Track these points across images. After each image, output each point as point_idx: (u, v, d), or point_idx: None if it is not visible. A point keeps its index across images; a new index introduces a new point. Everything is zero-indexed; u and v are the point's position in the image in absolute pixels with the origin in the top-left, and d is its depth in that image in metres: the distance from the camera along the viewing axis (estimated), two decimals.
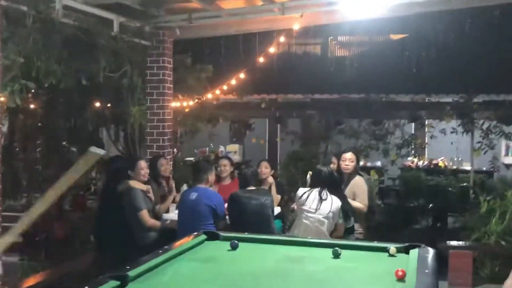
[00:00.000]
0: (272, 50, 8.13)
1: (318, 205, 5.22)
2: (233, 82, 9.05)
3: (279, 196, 6.60)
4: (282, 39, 7.23)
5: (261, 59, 8.24)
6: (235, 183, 6.70)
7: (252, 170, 5.80)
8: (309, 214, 5.23)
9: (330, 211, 5.21)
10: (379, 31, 11.79)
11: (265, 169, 6.62)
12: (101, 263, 5.94)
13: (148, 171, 5.96)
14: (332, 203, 5.24)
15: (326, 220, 5.19)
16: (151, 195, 5.95)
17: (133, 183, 5.73)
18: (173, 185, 6.40)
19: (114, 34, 5.99)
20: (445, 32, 8.24)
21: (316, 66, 11.79)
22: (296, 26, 6.80)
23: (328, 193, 5.26)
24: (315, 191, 5.28)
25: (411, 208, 10.11)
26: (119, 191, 5.78)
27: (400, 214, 9.88)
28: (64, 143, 9.01)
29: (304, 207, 5.27)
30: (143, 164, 5.86)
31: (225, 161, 6.88)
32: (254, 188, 5.62)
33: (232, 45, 7.83)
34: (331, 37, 13.81)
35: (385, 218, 9.59)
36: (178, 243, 4.01)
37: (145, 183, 5.99)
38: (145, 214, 5.64)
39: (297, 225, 5.28)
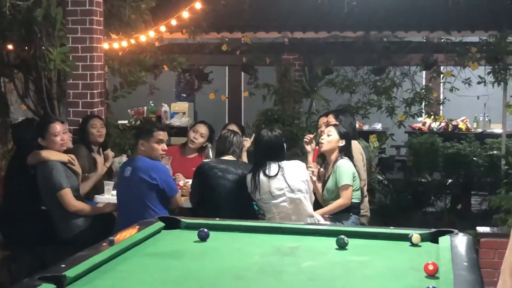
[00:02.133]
0: None
1: (278, 185, 5.26)
2: (186, 15, 8.96)
3: None
4: None
5: None
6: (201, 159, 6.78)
7: (237, 137, 5.83)
8: (274, 201, 5.28)
9: (298, 182, 5.28)
10: None
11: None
12: (13, 264, 5.93)
13: (67, 136, 5.96)
14: (294, 172, 5.31)
15: (301, 195, 5.26)
16: (76, 167, 5.94)
17: (47, 154, 5.71)
18: (110, 155, 6.39)
19: None
20: None
21: None
22: None
23: (279, 165, 5.31)
24: (261, 172, 5.33)
25: (423, 184, 10.31)
26: (29, 164, 5.75)
27: (408, 193, 10.07)
28: None
29: (265, 196, 5.32)
30: (58, 127, 5.83)
31: (203, 128, 6.98)
32: (232, 158, 5.66)
33: None
34: None
35: (389, 199, 9.78)
36: (125, 233, 4.04)
37: (71, 151, 5.98)
38: (67, 194, 5.65)
39: (271, 219, 5.35)
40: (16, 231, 5.96)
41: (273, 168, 5.30)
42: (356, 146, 6.29)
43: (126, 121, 9.90)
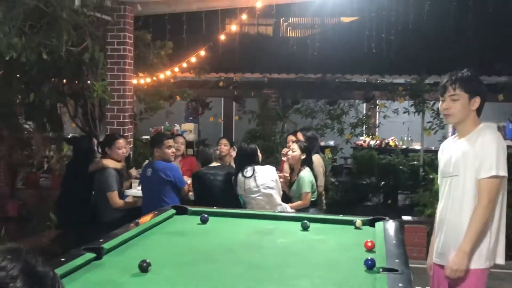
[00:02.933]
0: (233, 28, 8.11)
1: (253, 183, 5.23)
2: (193, 60, 8.98)
3: None
4: (244, 17, 7.21)
5: (222, 37, 8.20)
6: (187, 161, 6.77)
7: (212, 148, 5.84)
8: (252, 195, 5.25)
9: (268, 181, 5.22)
10: (330, 14, 11.93)
11: (224, 147, 6.66)
12: (63, 240, 5.87)
13: (126, 149, 5.90)
14: (265, 174, 5.27)
15: (272, 190, 5.21)
16: (124, 172, 5.92)
17: (107, 162, 5.66)
18: (130, 173, 6.33)
19: (75, 7, 5.83)
20: (397, 15, 8.39)
21: (273, 46, 11.83)
22: (258, 4, 6.80)
23: (253, 168, 5.26)
24: (239, 174, 5.31)
25: (363, 185, 10.36)
26: (90, 170, 5.70)
27: (353, 192, 10.11)
28: (19, 118, 8.75)
29: (245, 192, 5.29)
30: (122, 142, 5.79)
31: (181, 139, 6.94)
32: (218, 164, 5.65)
33: (194, 22, 7.73)
34: (283, 18, 13.90)
35: (339, 196, 9.80)
36: (147, 217, 4.01)
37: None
38: (115, 196, 5.59)
39: (251, 208, 5.32)
40: (68, 216, 5.91)
41: (249, 170, 5.27)
42: (318, 159, 6.14)
43: (148, 137, 9.87)
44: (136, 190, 6.07)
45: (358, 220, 3.89)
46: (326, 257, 3.16)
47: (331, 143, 12.55)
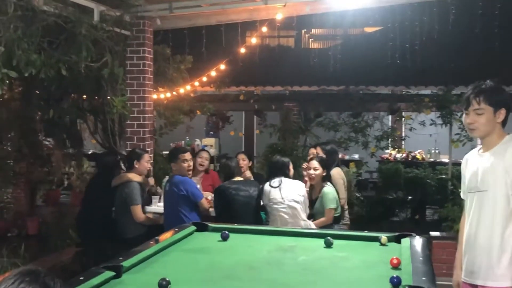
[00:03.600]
0: (253, 40, 8.18)
1: (278, 194, 5.26)
2: (213, 73, 9.06)
3: None
4: (264, 29, 7.26)
5: (242, 50, 8.27)
6: (209, 177, 6.79)
7: (236, 161, 5.84)
8: (276, 206, 5.27)
9: (295, 195, 5.25)
10: (352, 24, 11.93)
11: (242, 161, 6.67)
12: (84, 258, 5.93)
13: (150, 166, 5.98)
14: (293, 187, 5.30)
15: (297, 205, 5.22)
16: (149, 186, 5.99)
17: (132, 176, 5.74)
18: (149, 181, 6.38)
19: (94, 23, 5.94)
20: (421, 24, 8.37)
21: (295, 58, 11.86)
22: (279, 16, 6.85)
23: (281, 180, 5.31)
24: (267, 184, 5.38)
25: (389, 200, 10.25)
26: (114, 184, 5.77)
27: (378, 207, 10.01)
28: (39, 135, 8.90)
29: (270, 202, 5.32)
30: (147, 157, 5.91)
31: (205, 154, 6.92)
32: (241, 179, 5.66)
33: (213, 35, 7.81)
34: (304, 30, 13.94)
35: (364, 211, 9.71)
36: (167, 234, 4.05)
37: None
38: (139, 209, 5.65)
39: (273, 220, 5.35)
40: (89, 232, 5.98)
41: (276, 181, 5.32)
42: (339, 172, 6.11)
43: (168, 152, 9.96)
44: (156, 207, 6.12)
45: (383, 237, 3.86)
46: (350, 275, 3.15)
47: (356, 156, 12.49)
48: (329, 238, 3.83)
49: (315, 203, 5.66)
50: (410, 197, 10.16)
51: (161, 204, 6.00)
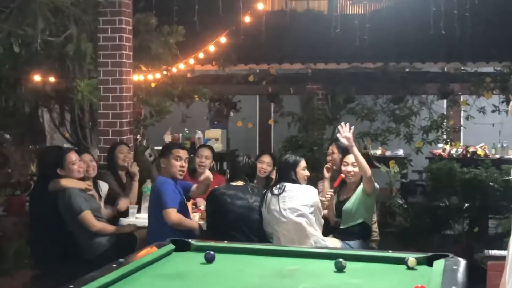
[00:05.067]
0: (261, 5, 8.12)
1: (277, 205, 5.27)
2: (212, 48, 9.02)
3: None
4: None
5: (247, 18, 8.21)
6: (215, 180, 6.73)
7: (246, 161, 5.76)
8: (276, 220, 5.29)
9: (299, 206, 5.25)
10: None
11: (267, 166, 6.58)
12: (41, 281, 5.95)
13: (83, 164, 6.00)
14: (298, 195, 5.29)
15: (301, 219, 5.22)
16: (93, 192, 6.00)
17: (66, 182, 5.77)
18: (136, 170, 6.37)
19: None
20: None
21: (319, 27, 11.74)
22: None
23: (283, 186, 5.32)
24: (269, 191, 5.38)
25: (441, 208, 10.12)
26: (50, 189, 5.82)
27: (427, 217, 9.89)
28: None
29: (269, 214, 5.33)
30: (73, 157, 5.90)
31: (206, 151, 6.88)
32: (242, 183, 5.61)
33: None
34: None
35: (409, 222, 9.62)
36: (137, 254, 4.06)
37: (100, 176, 6.02)
38: (87, 216, 5.68)
39: (276, 237, 5.35)
40: (43, 251, 6.00)
41: (278, 188, 5.34)
42: None
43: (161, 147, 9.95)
44: (133, 219, 6.13)
45: (411, 258, 3.83)
46: None
47: (400, 152, 12.38)
48: (341, 260, 3.79)
49: (346, 203, 5.68)
50: (467, 205, 10.02)
51: (140, 215, 6.01)
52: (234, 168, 5.80)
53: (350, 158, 5.71)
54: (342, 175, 5.88)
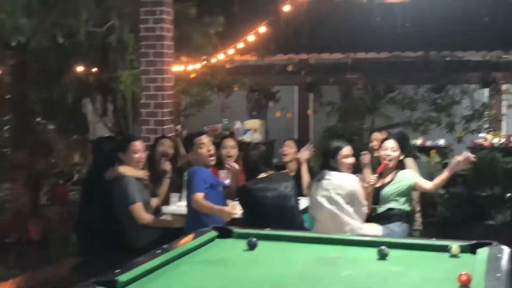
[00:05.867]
0: None
1: (315, 193, 5.36)
2: (251, 38, 9.03)
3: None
4: None
5: (287, 8, 8.19)
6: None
7: (260, 151, 5.70)
8: (313, 208, 5.39)
9: (334, 193, 5.28)
10: None
11: (288, 149, 6.63)
12: (85, 269, 6.04)
13: (144, 155, 5.99)
14: (336, 182, 5.33)
15: (333, 207, 5.27)
16: (149, 183, 6.03)
17: (124, 169, 5.79)
18: (168, 167, 6.39)
19: None
20: None
21: (359, 16, 11.68)
22: None
23: (322, 174, 5.39)
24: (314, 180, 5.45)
25: (483, 198, 10.04)
26: (106, 179, 5.85)
27: (469, 207, 9.83)
28: (38, 119, 9.11)
29: (309, 203, 5.46)
30: (138, 145, 5.90)
31: (231, 141, 6.93)
32: (266, 175, 5.56)
33: None
34: None
35: (450, 212, 9.56)
36: (180, 242, 4.08)
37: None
38: (138, 208, 5.70)
39: (315, 226, 5.39)
40: (89, 240, 6.09)
41: (318, 175, 5.41)
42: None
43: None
44: (175, 207, 6.18)
45: (455, 246, 3.78)
46: None
47: (441, 142, 12.26)
48: (383, 247, 3.77)
49: (384, 189, 5.71)
50: (509, 194, 9.92)
51: (181, 203, 6.05)
52: (248, 163, 5.67)
53: (388, 143, 5.76)
54: (386, 162, 5.87)
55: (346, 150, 5.54)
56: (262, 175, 5.54)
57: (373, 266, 3.64)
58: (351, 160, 5.58)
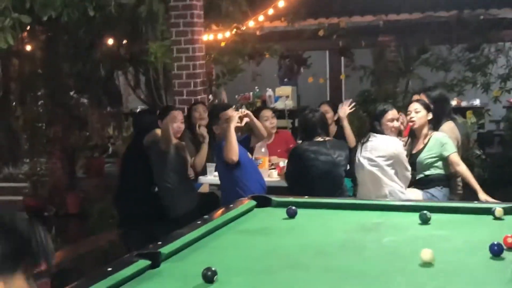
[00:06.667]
0: None
1: (355, 156, 5.46)
2: (281, 4, 8.94)
3: None
4: None
5: None
6: (279, 138, 6.77)
7: (320, 114, 5.69)
8: (356, 168, 5.47)
9: (374, 155, 5.32)
10: None
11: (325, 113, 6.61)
12: (126, 241, 6.13)
13: (183, 126, 6.02)
14: (376, 144, 5.34)
15: (374, 168, 5.30)
16: (185, 154, 6.06)
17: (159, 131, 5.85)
18: (204, 132, 6.32)
19: None
20: None
21: None
22: None
23: (368, 137, 5.43)
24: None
25: None
26: (146, 144, 5.91)
27: (507, 167, 9.72)
28: (71, 93, 9.18)
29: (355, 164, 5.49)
30: (177, 114, 5.93)
31: (269, 112, 6.89)
32: (322, 139, 5.56)
33: None
34: None
35: (488, 173, 9.46)
36: (220, 211, 4.09)
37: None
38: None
39: (358, 191, 5.43)
40: (130, 210, 6.16)
41: (365, 138, 5.45)
42: (451, 128, 5.97)
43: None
44: (212, 177, 6.20)
45: (498, 208, 3.76)
46: (449, 260, 3.08)
47: (476, 102, 12.11)
48: (425, 212, 3.75)
49: (418, 156, 5.63)
50: None
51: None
52: (306, 125, 5.68)
53: (412, 106, 5.69)
54: (410, 124, 5.81)
55: (392, 113, 5.51)
56: (318, 138, 5.54)
57: (416, 231, 3.63)
58: (396, 123, 5.54)
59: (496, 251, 3.02)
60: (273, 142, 6.80)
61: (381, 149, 5.32)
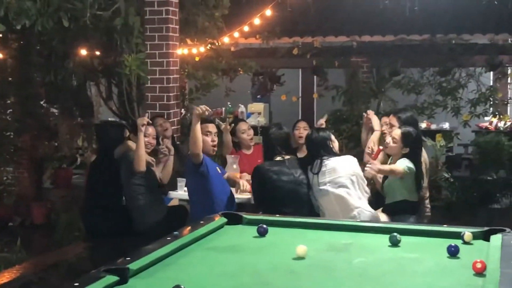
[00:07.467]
0: None
1: (317, 180, 5.30)
2: (256, 21, 8.97)
3: None
4: None
5: None
6: (260, 152, 6.76)
7: (281, 133, 5.67)
8: (319, 196, 5.31)
9: (337, 177, 5.23)
10: None
11: (304, 131, 6.59)
12: (93, 254, 6.06)
13: (154, 141, 5.98)
14: (337, 166, 5.27)
15: (341, 190, 5.22)
16: (155, 168, 6.02)
17: (133, 145, 5.81)
18: (169, 144, 6.32)
19: None
20: None
21: None
22: None
23: (320, 163, 5.31)
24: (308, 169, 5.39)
25: (488, 182, 10.02)
26: (117, 156, 5.88)
27: (474, 190, 9.82)
28: (42, 102, 9.08)
29: (312, 192, 5.38)
30: (149, 130, 5.90)
31: (245, 125, 6.91)
32: (284, 158, 5.55)
33: None
34: None
35: (455, 196, 9.55)
36: (190, 228, 4.06)
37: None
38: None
39: (321, 213, 5.35)
40: (97, 223, 6.09)
41: (317, 165, 5.32)
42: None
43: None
44: (182, 192, 6.16)
45: (467, 233, 3.77)
46: (419, 283, 3.10)
47: (446, 126, 12.23)
48: (395, 234, 3.76)
49: (385, 182, 5.59)
50: None
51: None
52: (268, 143, 5.68)
53: (395, 132, 5.57)
54: (380, 147, 5.80)
55: (331, 135, 5.59)
56: (278, 158, 5.53)
57: (386, 253, 3.64)
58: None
59: (453, 252, 3.46)
60: (253, 154, 6.76)
61: (341, 169, 5.28)
